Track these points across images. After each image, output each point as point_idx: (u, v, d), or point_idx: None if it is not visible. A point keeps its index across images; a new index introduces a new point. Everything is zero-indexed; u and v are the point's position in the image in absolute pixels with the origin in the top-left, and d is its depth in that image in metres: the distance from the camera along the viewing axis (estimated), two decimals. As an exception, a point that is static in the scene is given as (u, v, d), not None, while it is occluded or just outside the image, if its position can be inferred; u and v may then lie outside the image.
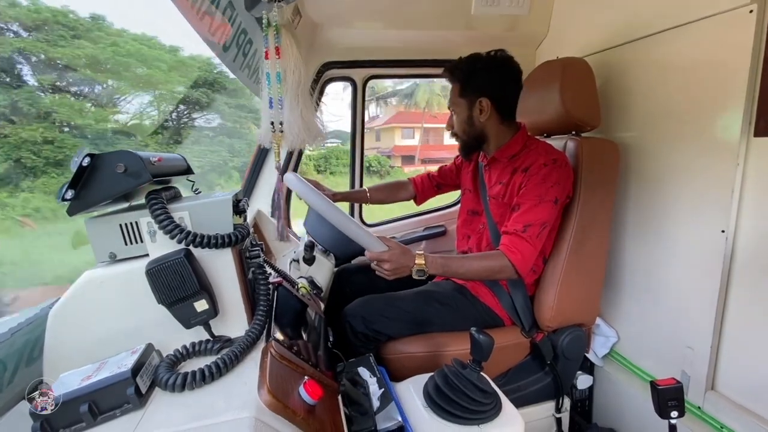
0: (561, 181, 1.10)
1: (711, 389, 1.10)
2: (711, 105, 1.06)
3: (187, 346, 0.64)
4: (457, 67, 1.19)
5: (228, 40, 1.02)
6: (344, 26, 1.52)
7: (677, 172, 1.16)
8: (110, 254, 0.68)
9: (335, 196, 1.40)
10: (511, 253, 1.06)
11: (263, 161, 1.68)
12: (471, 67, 1.17)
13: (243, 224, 0.73)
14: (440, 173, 1.52)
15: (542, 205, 1.08)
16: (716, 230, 1.04)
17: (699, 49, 1.08)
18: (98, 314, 0.66)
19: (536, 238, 1.08)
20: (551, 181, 1.09)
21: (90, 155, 0.61)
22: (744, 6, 0.96)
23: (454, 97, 1.21)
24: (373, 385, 0.86)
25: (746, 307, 1.02)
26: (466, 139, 1.23)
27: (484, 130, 1.21)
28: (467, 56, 1.18)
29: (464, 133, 1.22)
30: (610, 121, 1.35)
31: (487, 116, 1.18)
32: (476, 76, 1.16)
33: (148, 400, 0.56)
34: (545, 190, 1.08)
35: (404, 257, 1.03)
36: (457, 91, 1.19)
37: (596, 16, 1.41)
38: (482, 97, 1.16)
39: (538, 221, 1.08)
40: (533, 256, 1.09)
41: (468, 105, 1.18)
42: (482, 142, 1.23)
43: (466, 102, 1.18)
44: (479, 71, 1.16)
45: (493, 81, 1.16)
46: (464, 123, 1.21)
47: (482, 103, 1.16)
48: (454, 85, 1.20)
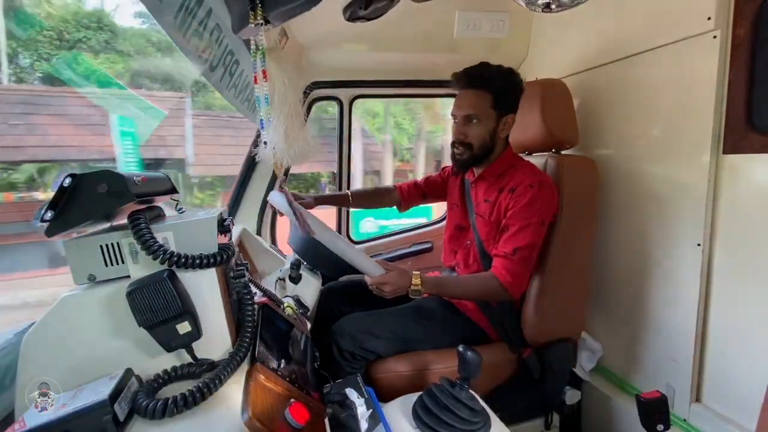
0: (547, 203, 1.12)
1: (696, 401, 1.11)
2: (682, 124, 1.11)
3: (168, 370, 0.62)
4: (493, 76, 1.15)
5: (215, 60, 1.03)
6: (331, 48, 1.55)
7: (653, 188, 1.20)
8: (89, 276, 0.66)
9: (316, 200, 1.36)
10: (503, 277, 1.10)
11: (249, 179, 1.67)
12: (508, 80, 1.16)
13: (228, 243, 0.72)
14: (426, 183, 1.51)
15: (530, 228, 1.10)
16: (692, 244, 1.08)
17: (669, 72, 1.13)
18: (75, 339, 0.64)
19: (527, 260, 1.11)
20: (538, 204, 1.11)
21: (71, 175, 0.60)
22: (708, 32, 1.02)
23: (482, 106, 1.15)
24: (361, 407, 0.85)
25: (726, 319, 1.05)
26: (478, 153, 1.19)
27: (495, 147, 1.20)
28: (492, 65, 1.16)
29: (481, 146, 1.18)
30: (587, 140, 1.39)
31: (506, 134, 1.20)
32: (512, 92, 1.17)
33: (126, 428, 0.54)
34: (532, 212, 1.10)
35: (402, 279, 1.06)
36: (490, 101, 1.15)
37: (572, 40, 1.48)
38: (511, 113, 1.18)
39: (527, 244, 1.10)
40: (525, 279, 1.13)
41: (497, 118, 1.17)
42: (486, 158, 1.21)
43: (497, 115, 1.16)
44: (515, 88, 1.17)
45: (518, 100, 1.19)
46: (487, 135, 1.17)
47: (508, 120, 1.18)
48: (483, 93, 1.15)
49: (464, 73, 1.17)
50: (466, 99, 1.17)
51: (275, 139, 0.91)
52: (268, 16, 0.84)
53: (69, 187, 0.60)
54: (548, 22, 1.59)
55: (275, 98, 0.90)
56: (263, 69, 0.86)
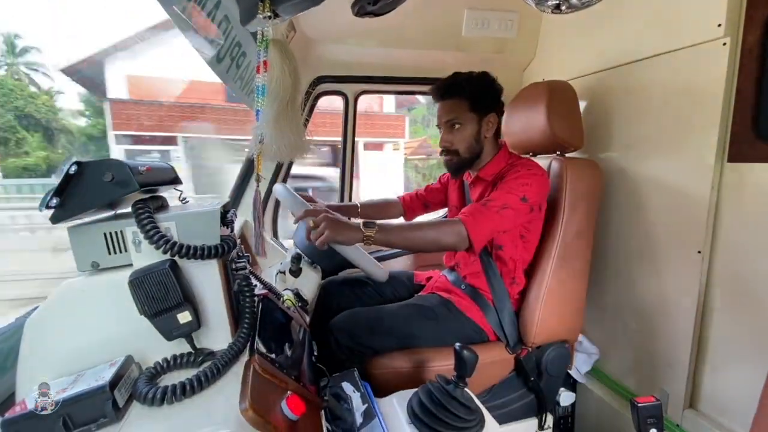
0: (531, 184, 1.11)
1: (689, 407, 1.12)
2: (688, 131, 1.10)
3: (168, 358, 0.63)
4: (464, 82, 1.19)
5: (222, 50, 1.03)
6: (338, 42, 1.55)
7: (656, 193, 1.20)
8: (93, 263, 0.67)
9: (327, 207, 1.39)
10: (466, 218, 1.06)
11: (252, 171, 1.67)
12: (480, 83, 1.19)
13: (230, 235, 0.72)
14: (427, 192, 1.53)
15: (509, 195, 1.09)
16: (693, 251, 1.08)
17: (677, 78, 1.13)
18: (77, 324, 0.64)
19: (495, 212, 1.07)
20: (521, 181, 1.11)
21: (77, 163, 0.61)
22: (718, 39, 1.01)
23: (460, 111, 1.19)
24: (357, 401, 0.86)
25: (724, 327, 1.05)
26: (467, 157, 1.22)
27: (484, 147, 1.23)
28: (463, 73, 1.20)
29: (468, 150, 1.21)
30: (592, 143, 1.39)
31: (491, 133, 1.21)
32: (487, 92, 1.20)
33: (125, 413, 0.55)
34: (516, 185, 1.10)
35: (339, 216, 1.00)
36: (467, 105, 1.19)
37: (581, 43, 1.47)
38: (491, 113, 1.20)
39: (500, 200, 1.08)
40: (487, 230, 1.07)
41: (478, 120, 1.20)
42: (476, 159, 1.24)
43: (477, 117, 1.20)
44: (488, 88, 1.20)
45: (497, 99, 1.22)
46: (471, 138, 1.20)
47: (490, 120, 1.20)
48: (459, 100, 1.19)
49: (436, 86, 1.23)
50: (443, 108, 1.23)
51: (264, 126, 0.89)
52: (276, 9, 0.84)
53: (74, 175, 0.61)
54: (557, 23, 1.58)
55: (272, 85, 0.89)
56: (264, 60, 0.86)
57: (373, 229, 0.99)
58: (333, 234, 0.95)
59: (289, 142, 0.96)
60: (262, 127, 0.89)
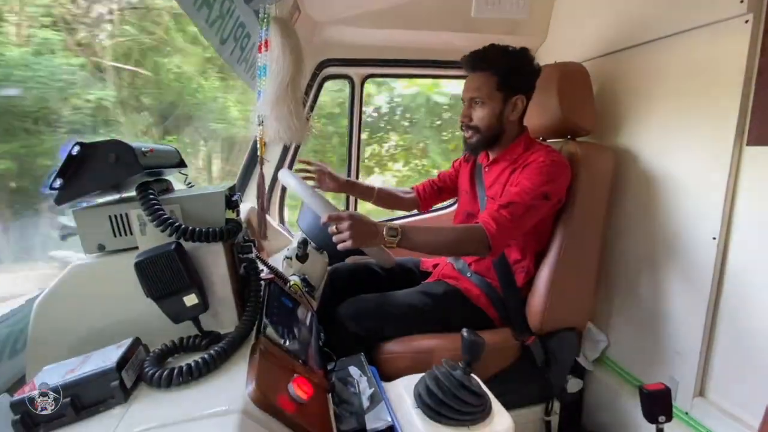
0: (556, 180, 1.09)
1: (699, 395, 1.11)
2: (705, 113, 1.07)
3: (175, 341, 0.63)
4: (497, 57, 1.13)
5: (225, 32, 1.01)
6: (343, 24, 1.51)
7: (670, 178, 1.17)
8: (99, 246, 0.67)
9: (344, 183, 1.39)
10: (488, 225, 1.03)
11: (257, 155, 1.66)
12: (515, 63, 1.14)
13: (235, 219, 0.72)
14: (440, 178, 1.50)
15: (531, 193, 1.06)
16: (707, 237, 1.05)
17: (694, 58, 1.08)
18: (85, 307, 0.65)
19: (517, 217, 1.04)
20: (546, 176, 1.08)
21: (80, 144, 0.60)
22: (740, 16, 0.97)
23: (485, 88, 1.14)
24: (364, 385, 0.86)
25: (736, 315, 1.03)
26: (487, 135, 1.18)
27: (506, 129, 1.19)
28: (500, 47, 1.14)
29: (488, 128, 1.17)
30: (604, 127, 1.35)
31: (517, 116, 1.17)
32: (519, 72, 1.15)
33: (132, 395, 0.55)
34: (539, 181, 1.07)
35: (364, 218, 0.98)
36: (495, 83, 1.13)
37: (594, 23, 1.42)
38: (519, 94, 1.15)
39: (523, 203, 1.05)
40: (510, 236, 1.05)
41: (503, 99, 1.15)
42: (498, 140, 1.20)
43: (503, 96, 1.15)
44: (523, 68, 1.15)
45: (530, 81, 1.17)
46: (493, 117, 1.16)
47: (517, 102, 1.16)
48: (488, 75, 1.14)
49: (469, 56, 1.17)
50: (471, 82, 1.18)
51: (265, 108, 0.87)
52: (280, -14, 0.81)
53: (77, 156, 0.60)
54: (569, 3, 1.53)
55: (273, 66, 0.87)
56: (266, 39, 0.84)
57: (395, 237, 0.99)
58: (357, 243, 0.96)
59: (290, 125, 0.95)
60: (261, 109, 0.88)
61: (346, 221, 0.94)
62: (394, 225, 1.00)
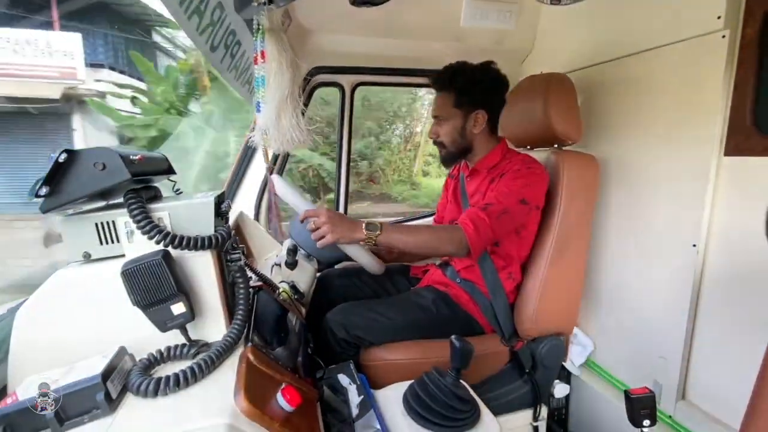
0: (532, 185, 1.11)
1: (682, 399, 1.13)
2: (685, 124, 1.10)
3: (161, 350, 0.62)
4: (452, 76, 1.17)
5: (216, 39, 1.01)
6: (334, 32, 1.52)
7: (653, 187, 1.20)
8: (84, 254, 0.66)
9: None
10: (466, 226, 1.05)
11: (248, 162, 1.66)
12: (469, 78, 1.17)
13: (224, 226, 0.72)
14: (439, 211, 1.50)
15: (509, 198, 1.08)
16: (688, 244, 1.08)
17: (675, 71, 1.12)
18: (69, 315, 0.64)
19: (495, 218, 1.05)
20: (522, 182, 1.10)
21: (67, 151, 0.59)
22: (717, 31, 1.00)
23: (445, 106, 1.20)
24: (353, 393, 0.86)
25: (716, 319, 1.06)
26: (453, 150, 1.24)
27: (473, 141, 1.22)
28: (458, 65, 1.18)
29: (452, 143, 1.22)
30: (590, 136, 1.38)
31: (480, 129, 1.20)
32: (475, 88, 1.17)
33: (118, 405, 0.54)
34: (516, 188, 1.10)
35: (341, 214, 1.02)
36: (452, 101, 1.19)
37: (579, 35, 1.46)
38: (479, 109, 1.18)
39: (500, 205, 1.07)
40: (487, 237, 1.06)
41: (463, 116, 1.19)
42: (467, 153, 1.25)
43: (461, 113, 1.19)
44: (478, 83, 1.17)
45: (490, 95, 1.19)
46: (455, 133, 1.21)
47: (478, 116, 1.19)
48: (447, 94, 1.19)
49: (432, 77, 1.23)
50: (435, 101, 1.24)
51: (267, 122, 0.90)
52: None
53: (64, 163, 0.59)
54: (556, 15, 1.57)
55: (271, 80, 0.89)
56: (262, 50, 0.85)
57: (375, 233, 1.00)
58: (335, 236, 0.97)
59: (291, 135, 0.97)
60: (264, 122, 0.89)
61: (322, 216, 0.96)
62: (374, 221, 1.01)
